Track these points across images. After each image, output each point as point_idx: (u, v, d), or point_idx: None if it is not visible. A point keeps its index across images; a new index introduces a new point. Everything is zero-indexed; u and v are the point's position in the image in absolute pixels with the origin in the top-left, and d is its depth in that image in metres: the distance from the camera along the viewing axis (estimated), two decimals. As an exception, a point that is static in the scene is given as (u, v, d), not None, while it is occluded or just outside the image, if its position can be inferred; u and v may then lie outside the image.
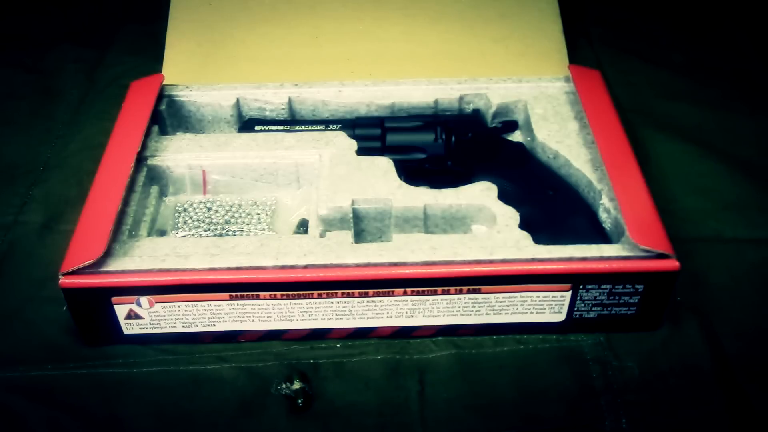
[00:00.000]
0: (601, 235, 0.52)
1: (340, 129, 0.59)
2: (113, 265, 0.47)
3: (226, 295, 0.48)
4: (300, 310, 0.49)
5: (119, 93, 0.62)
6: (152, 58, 0.69)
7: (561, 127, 0.58)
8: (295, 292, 0.48)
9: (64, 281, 0.46)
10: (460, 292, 0.48)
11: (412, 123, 0.59)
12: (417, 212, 0.52)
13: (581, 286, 0.48)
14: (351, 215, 0.52)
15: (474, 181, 0.54)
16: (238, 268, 0.47)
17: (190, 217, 0.54)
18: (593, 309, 0.50)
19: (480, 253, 0.48)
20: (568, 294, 0.49)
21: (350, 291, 0.48)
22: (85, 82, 0.75)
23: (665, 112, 0.71)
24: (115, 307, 0.48)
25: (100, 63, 0.78)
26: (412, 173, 0.56)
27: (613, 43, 0.79)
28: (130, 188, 0.53)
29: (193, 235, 0.53)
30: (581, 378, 0.49)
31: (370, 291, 0.48)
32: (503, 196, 0.53)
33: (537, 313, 0.50)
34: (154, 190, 0.56)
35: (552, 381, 0.49)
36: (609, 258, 0.48)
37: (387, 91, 0.62)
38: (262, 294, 0.48)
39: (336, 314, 0.49)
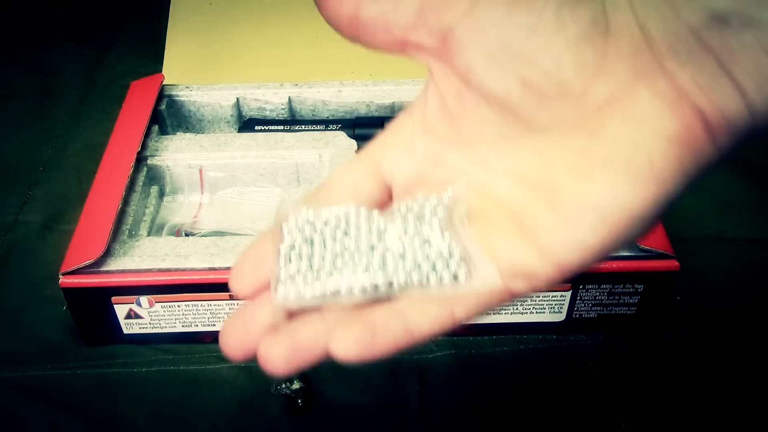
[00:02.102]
0: (601, 235, 0.51)
1: (340, 129, 0.59)
2: (113, 264, 0.47)
3: (226, 294, 0.48)
4: (300, 310, 0.49)
5: (119, 93, 0.62)
6: (152, 58, 0.69)
7: (561, 127, 0.58)
8: (295, 292, 0.48)
9: (64, 281, 0.46)
10: (460, 292, 0.48)
11: (412, 123, 0.59)
12: (417, 212, 0.52)
13: (581, 286, 0.48)
14: (351, 215, 0.52)
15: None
16: (238, 268, 0.47)
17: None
18: (593, 309, 0.50)
19: (480, 253, 0.48)
20: (568, 294, 0.49)
21: (350, 291, 0.48)
22: (85, 82, 0.75)
23: (665, 112, 0.71)
24: (115, 306, 0.48)
25: (100, 63, 0.78)
26: (412, 173, 0.56)
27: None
28: (130, 188, 0.53)
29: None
30: (581, 378, 0.49)
31: (370, 291, 0.48)
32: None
33: (537, 313, 0.50)
34: (154, 190, 0.56)
35: (552, 381, 0.49)
36: (609, 258, 0.48)
37: (387, 91, 0.62)
38: (262, 294, 0.48)
39: (336, 314, 0.49)
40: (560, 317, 0.50)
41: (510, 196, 0.28)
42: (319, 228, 0.29)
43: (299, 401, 0.47)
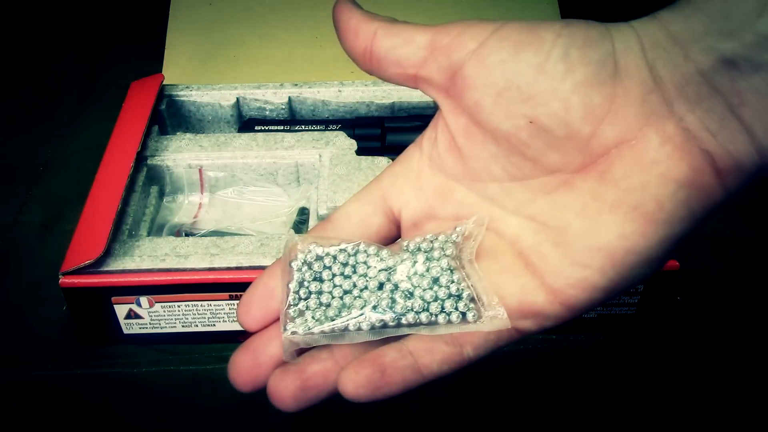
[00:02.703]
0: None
1: (340, 129, 0.59)
2: (113, 264, 0.47)
3: (226, 294, 0.48)
4: (300, 310, 0.49)
5: (119, 93, 0.62)
6: (152, 58, 0.70)
7: (561, 127, 0.58)
8: (295, 292, 0.48)
9: (64, 281, 0.46)
10: (460, 292, 0.48)
11: (412, 123, 0.59)
12: (417, 212, 0.52)
13: (581, 286, 0.48)
14: (351, 215, 0.52)
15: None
16: (238, 268, 0.47)
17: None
18: (593, 309, 0.50)
19: (480, 253, 0.48)
20: (568, 294, 0.49)
21: (350, 291, 0.48)
22: (85, 82, 0.75)
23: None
24: (115, 306, 0.48)
25: (100, 63, 0.78)
26: (412, 173, 0.56)
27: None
28: (130, 188, 0.53)
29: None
30: (581, 378, 0.49)
31: (370, 291, 0.48)
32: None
33: (537, 313, 0.50)
34: (154, 190, 0.56)
35: (552, 381, 0.49)
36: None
37: (387, 91, 0.62)
38: (262, 294, 0.48)
39: (336, 314, 0.49)
40: (560, 317, 0.50)
41: (519, 234, 0.28)
42: (328, 264, 0.29)
43: (299, 401, 0.47)
